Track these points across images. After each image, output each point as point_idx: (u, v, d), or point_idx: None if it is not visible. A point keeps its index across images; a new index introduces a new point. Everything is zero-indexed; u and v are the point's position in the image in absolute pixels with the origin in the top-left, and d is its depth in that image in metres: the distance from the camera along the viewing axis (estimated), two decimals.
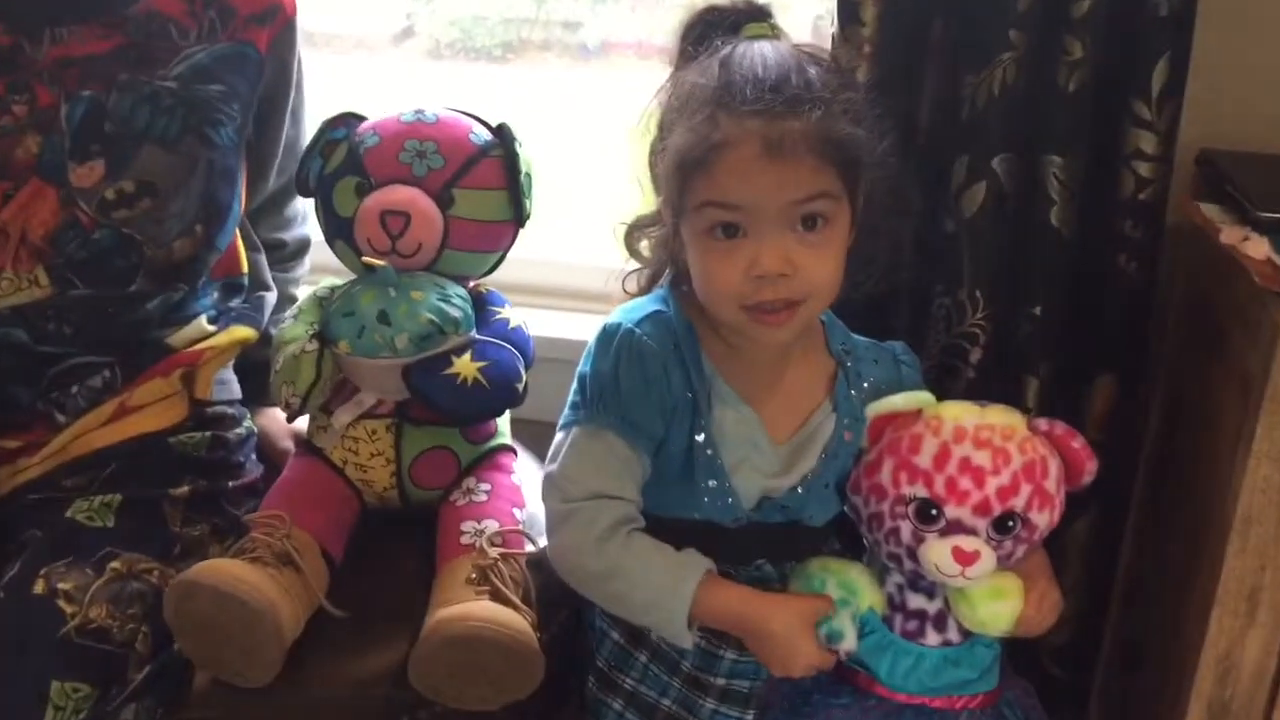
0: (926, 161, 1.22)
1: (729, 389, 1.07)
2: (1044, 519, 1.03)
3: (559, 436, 1.06)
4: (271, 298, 1.35)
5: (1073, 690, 1.38)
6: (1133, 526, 1.37)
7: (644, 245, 1.11)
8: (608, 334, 1.05)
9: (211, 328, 1.24)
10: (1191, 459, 1.22)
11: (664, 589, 1.01)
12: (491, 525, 1.11)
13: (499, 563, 1.07)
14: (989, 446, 1.00)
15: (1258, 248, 1.08)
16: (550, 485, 1.05)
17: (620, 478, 1.03)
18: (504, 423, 1.23)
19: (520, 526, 1.13)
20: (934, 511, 1.01)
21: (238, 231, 1.27)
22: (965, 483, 1.00)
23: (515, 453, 1.23)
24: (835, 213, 1.00)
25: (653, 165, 1.05)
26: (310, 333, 1.14)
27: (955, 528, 1.00)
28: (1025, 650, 1.26)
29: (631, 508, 1.04)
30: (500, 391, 1.12)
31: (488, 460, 1.20)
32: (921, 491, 1.01)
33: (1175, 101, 1.19)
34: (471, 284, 1.22)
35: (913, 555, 1.03)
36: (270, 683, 1.03)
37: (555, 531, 1.05)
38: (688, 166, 0.98)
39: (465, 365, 1.10)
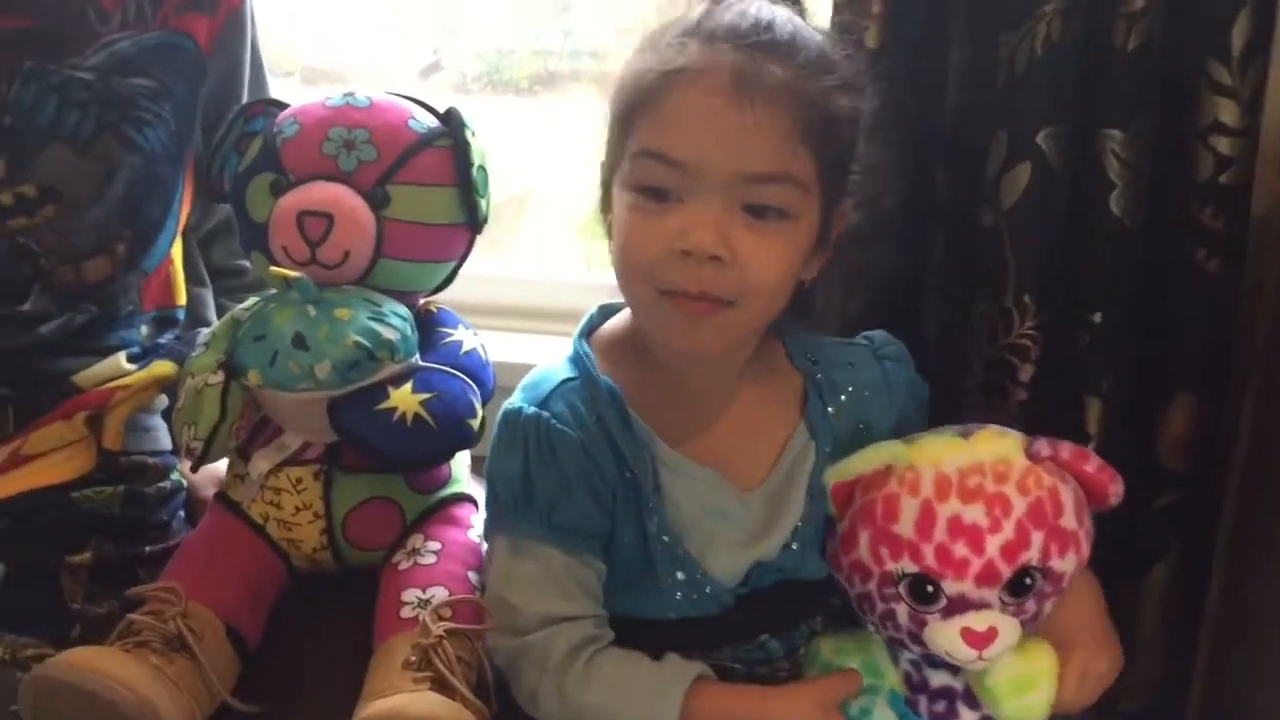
0: (957, 141, 1.06)
1: (674, 453, 0.90)
2: (1069, 562, 0.86)
3: (485, 546, 0.91)
4: None
5: None
6: (1221, 574, 1.18)
7: None
8: (508, 424, 0.89)
9: (131, 366, 1.09)
10: None
11: (643, 717, 0.85)
12: (439, 593, 0.94)
13: (445, 641, 0.89)
14: (981, 496, 0.83)
15: None
16: (495, 612, 0.90)
17: (565, 594, 0.87)
18: (460, 467, 1.06)
19: (476, 595, 0.96)
20: (930, 589, 0.84)
21: (176, 257, 1.13)
22: (961, 549, 0.83)
23: (475, 503, 1.05)
24: (800, 209, 0.83)
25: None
26: (219, 362, 0.97)
27: (960, 604, 0.84)
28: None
29: (588, 625, 0.88)
30: (448, 430, 0.95)
31: (439, 513, 1.02)
32: (910, 567, 0.84)
33: (1261, 62, 1.02)
34: (421, 301, 1.06)
35: (917, 639, 0.86)
36: None
37: (510, 672, 0.90)
38: (635, 101, 0.82)
39: (404, 398, 0.94)
